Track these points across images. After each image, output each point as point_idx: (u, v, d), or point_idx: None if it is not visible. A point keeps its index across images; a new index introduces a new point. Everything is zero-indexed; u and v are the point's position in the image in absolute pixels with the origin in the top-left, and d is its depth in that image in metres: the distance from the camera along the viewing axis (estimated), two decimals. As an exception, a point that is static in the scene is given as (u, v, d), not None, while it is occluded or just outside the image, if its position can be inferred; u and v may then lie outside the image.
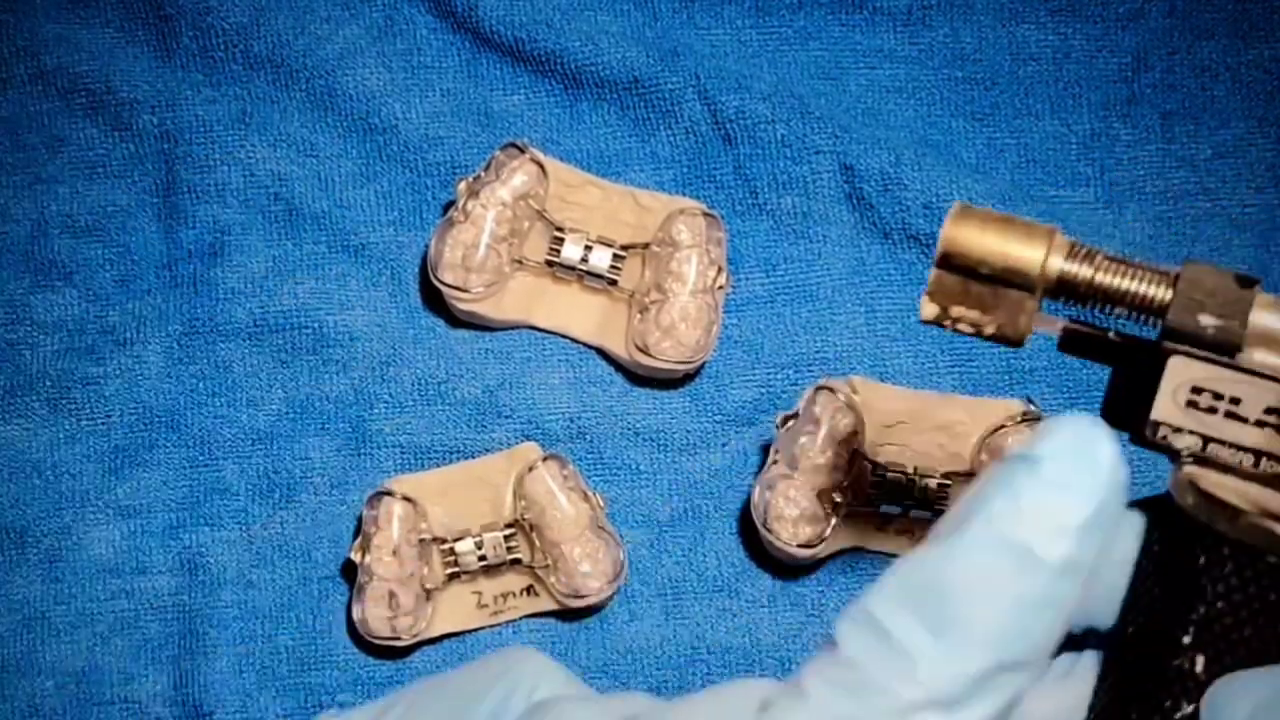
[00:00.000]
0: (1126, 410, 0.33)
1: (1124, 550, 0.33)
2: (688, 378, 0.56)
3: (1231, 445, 0.32)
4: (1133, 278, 0.33)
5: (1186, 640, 0.32)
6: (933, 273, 0.33)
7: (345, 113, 0.57)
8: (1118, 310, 0.33)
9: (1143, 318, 0.33)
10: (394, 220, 0.57)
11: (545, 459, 0.53)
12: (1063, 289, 0.33)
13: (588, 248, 0.54)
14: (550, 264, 0.54)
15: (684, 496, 0.55)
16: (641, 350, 0.53)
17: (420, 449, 0.55)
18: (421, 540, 0.53)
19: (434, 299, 0.56)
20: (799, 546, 0.52)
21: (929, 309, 0.33)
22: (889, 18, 0.58)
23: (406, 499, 0.52)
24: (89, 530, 0.55)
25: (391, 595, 0.52)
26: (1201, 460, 0.33)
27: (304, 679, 0.54)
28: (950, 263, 0.33)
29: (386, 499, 0.52)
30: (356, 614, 0.52)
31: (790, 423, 0.53)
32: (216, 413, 0.56)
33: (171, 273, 0.56)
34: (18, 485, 0.55)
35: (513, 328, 0.56)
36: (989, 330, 0.33)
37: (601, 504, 0.53)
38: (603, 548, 0.53)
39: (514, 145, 0.54)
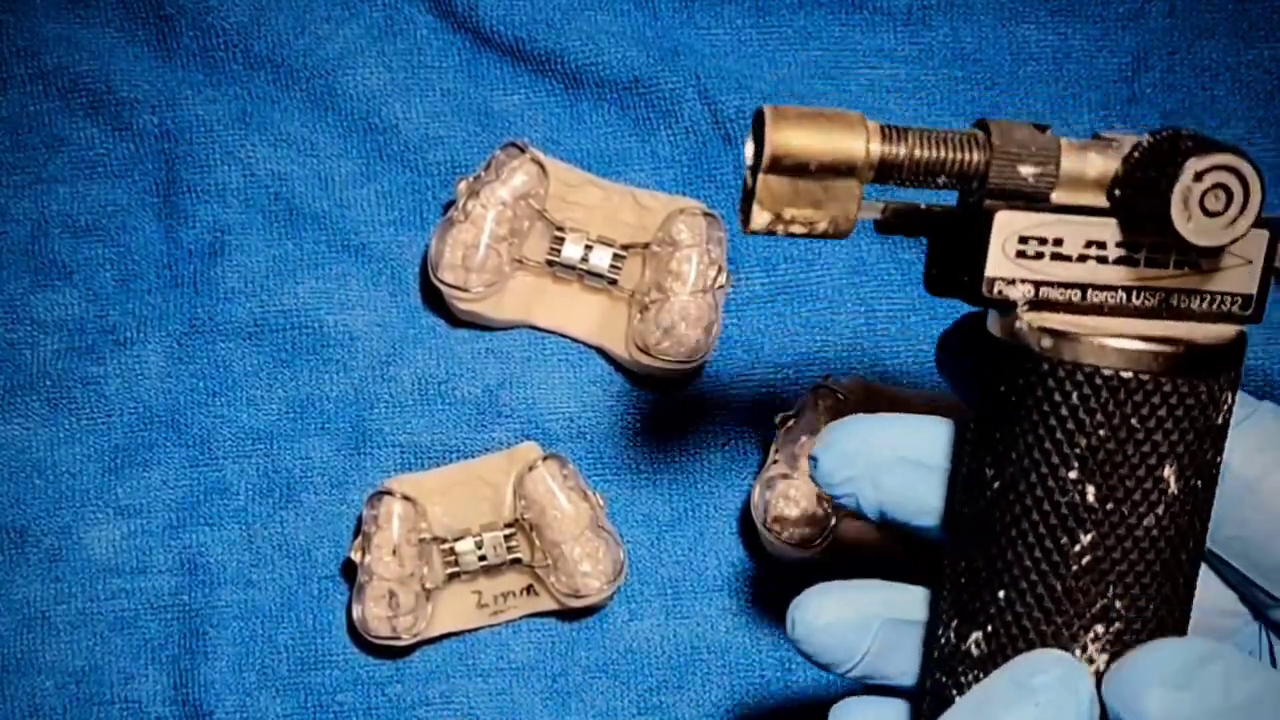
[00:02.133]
0: (952, 277, 0.35)
1: (877, 453, 0.37)
2: (688, 378, 0.56)
3: (1060, 284, 0.34)
4: (947, 146, 0.34)
5: (1073, 476, 0.33)
6: (760, 179, 0.33)
7: (345, 113, 0.57)
8: (938, 181, 0.34)
9: (958, 183, 0.34)
10: (394, 220, 0.57)
11: (545, 459, 0.53)
12: (885, 171, 0.34)
13: (588, 247, 0.54)
14: (550, 264, 0.54)
15: (684, 496, 0.56)
16: (641, 350, 0.53)
17: (420, 449, 0.55)
18: (421, 540, 0.53)
19: (434, 299, 0.56)
20: (799, 546, 0.52)
21: (761, 217, 0.34)
22: (889, 18, 0.58)
23: (406, 499, 0.52)
24: (89, 530, 0.55)
25: (391, 595, 0.52)
26: (1037, 305, 0.34)
27: (304, 679, 0.54)
28: (779, 165, 0.33)
29: (386, 499, 0.52)
30: (356, 614, 0.52)
31: (790, 423, 0.53)
32: (216, 413, 0.56)
33: (171, 273, 0.56)
34: (18, 485, 0.55)
35: (513, 328, 0.56)
36: (821, 226, 0.34)
37: (601, 504, 0.53)
38: (603, 548, 0.53)
39: (514, 145, 0.54)
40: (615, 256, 0.54)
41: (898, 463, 0.37)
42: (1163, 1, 0.58)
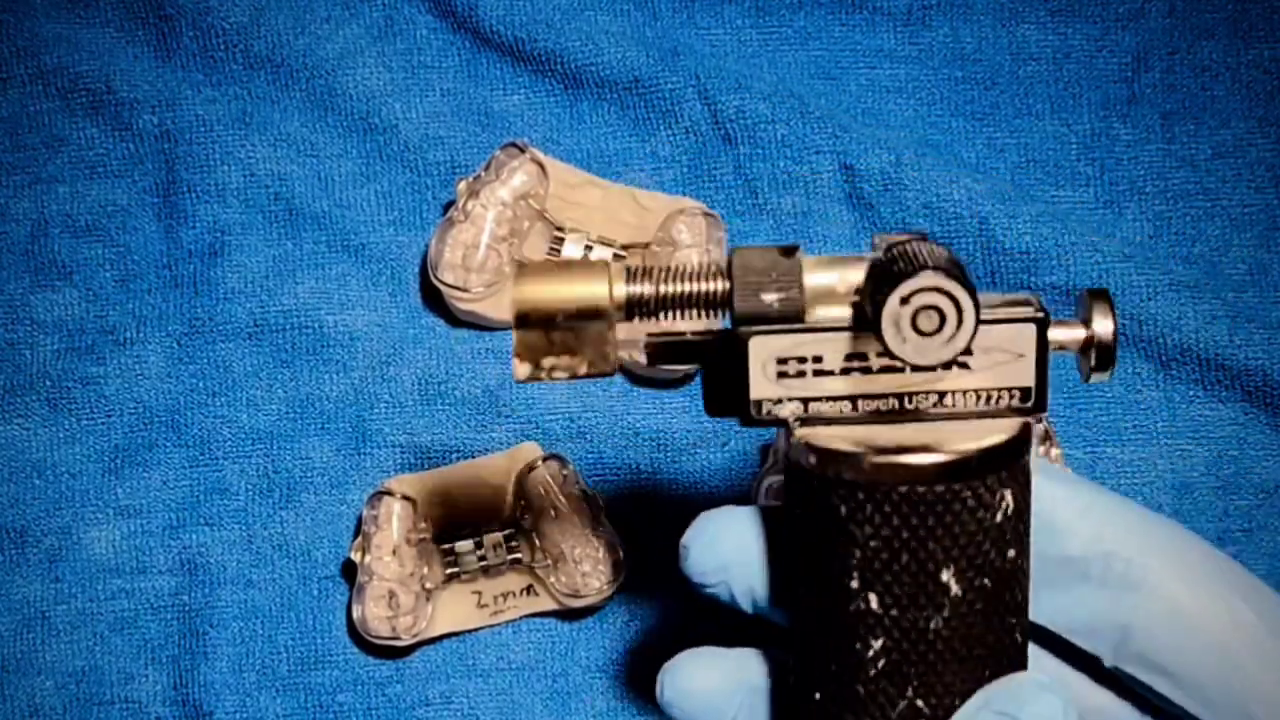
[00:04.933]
0: (726, 398, 0.36)
1: (750, 544, 0.37)
2: (688, 378, 0.56)
3: (828, 399, 0.35)
4: (692, 280, 0.34)
5: (855, 585, 0.34)
6: (515, 335, 0.34)
7: (345, 113, 0.57)
8: (689, 313, 0.35)
9: (713, 312, 0.35)
10: (394, 220, 0.57)
11: (545, 459, 0.53)
12: (634, 310, 0.35)
13: (588, 248, 0.54)
14: (550, 264, 0.54)
15: (684, 496, 0.56)
16: (641, 350, 0.53)
17: (420, 449, 0.55)
18: (421, 540, 0.53)
19: (434, 299, 0.56)
20: (799, 546, 0.52)
21: (522, 369, 0.35)
22: (889, 18, 0.58)
23: (406, 499, 0.52)
24: (89, 530, 0.55)
25: (391, 595, 0.52)
26: (809, 420, 0.35)
27: (304, 679, 0.54)
28: (528, 321, 0.34)
29: (386, 499, 0.52)
30: (356, 614, 0.52)
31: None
32: (216, 413, 0.56)
33: (171, 273, 0.56)
34: (18, 485, 0.55)
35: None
36: (582, 370, 0.35)
37: (601, 504, 0.53)
38: (603, 548, 0.53)
39: (514, 145, 0.54)
40: (615, 257, 0.54)
41: (767, 549, 0.37)
42: (1163, 1, 0.58)
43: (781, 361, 0.35)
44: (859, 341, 0.35)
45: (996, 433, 0.34)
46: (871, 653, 0.34)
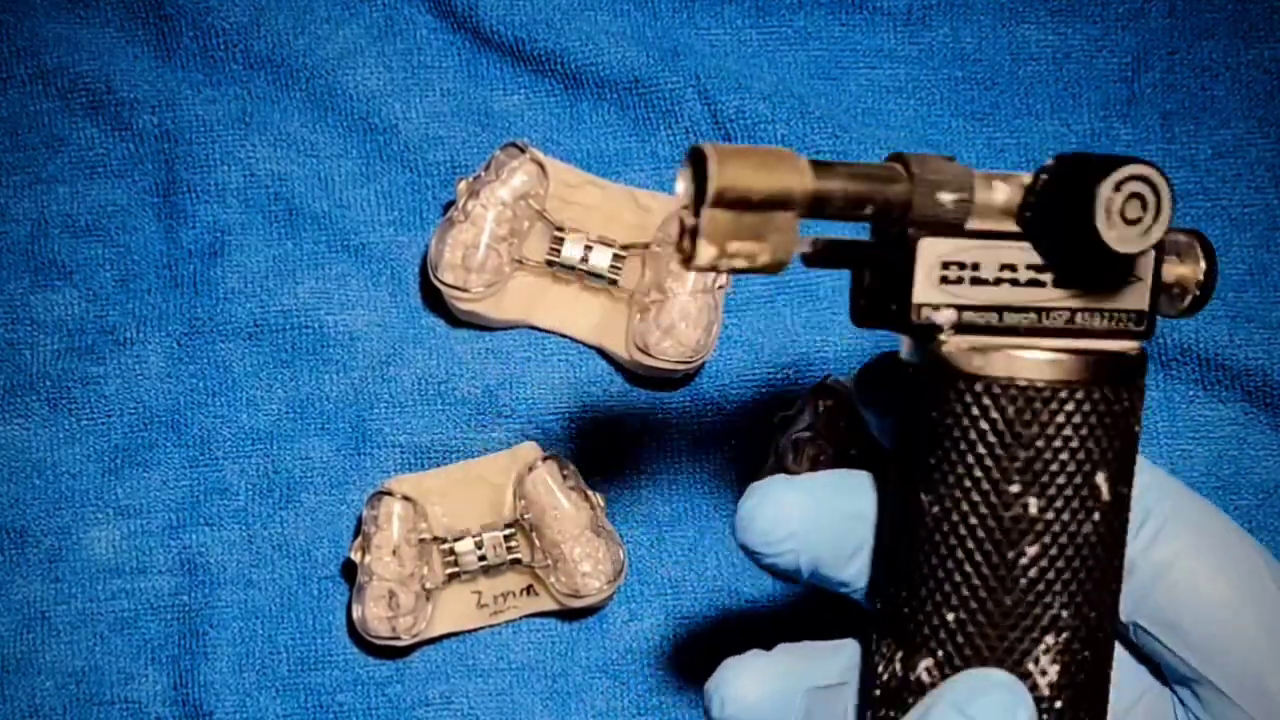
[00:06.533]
0: (880, 306, 0.36)
1: (810, 511, 0.37)
2: (688, 378, 0.56)
3: (980, 307, 0.35)
4: (872, 179, 0.35)
5: (1015, 489, 0.35)
6: (706, 214, 0.33)
7: (345, 113, 0.57)
8: (865, 212, 0.35)
9: (882, 213, 0.35)
10: (394, 220, 0.57)
11: (545, 459, 0.53)
12: (818, 203, 0.35)
13: (588, 247, 0.54)
14: (550, 264, 0.54)
15: (684, 496, 0.56)
16: (641, 350, 0.53)
17: (420, 449, 0.55)
18: (421, 540, 0.53)
19: (434, 299, 0.56)
20: (799, 546, 0.52)
21: (708, 252, 0.34)
22: (889, 18, 0.58)
23: (406, 499, 0.52)
24: (89, 530, 0.55)
25: (391, 595, 0.52)
26: (961, 328, 0.35)
27: (304, 679, 0.54)
28: (724, 199, 0.33)
29: (386, 499, 0.52)
30: (356, 614, 0.52)
31: (790, 423, 0.53)
32: (216, 413, 0.56)
33: (171, 273, 0.56)
34: (18, 485, 0.55)
35: (513, 328, 0.56)
36: (762, 259, 0.34)
37: (601, 504, 0.53)
38: (603, 548, 0.53)
39: (514, 145, 0.54)
40: (615, 256, 0.54)
41: (832, 513, 0.37)
42: (1163, 1, 0.58)
43: (946, 266, 0.35)
44: (1014, 252, 0.35)
45: (1129, 348, 0.36)
46: (1025, 559, 0.35)
